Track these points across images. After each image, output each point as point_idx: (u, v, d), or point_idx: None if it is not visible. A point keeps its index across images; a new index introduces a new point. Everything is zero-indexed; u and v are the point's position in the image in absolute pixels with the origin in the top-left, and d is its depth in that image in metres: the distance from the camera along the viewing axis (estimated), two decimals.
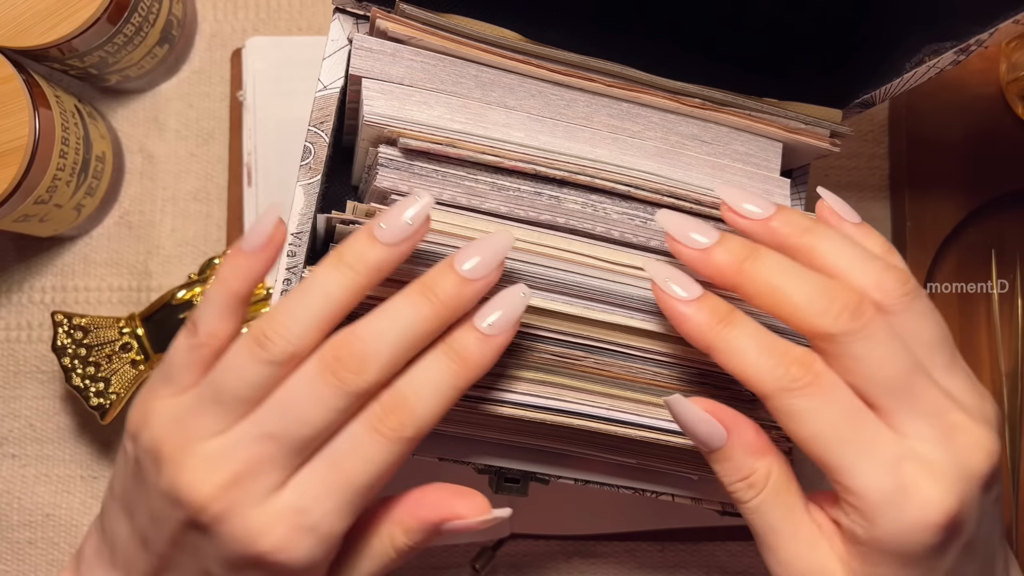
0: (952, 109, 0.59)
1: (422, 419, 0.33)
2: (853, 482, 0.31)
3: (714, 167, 0.39)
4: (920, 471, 0.31)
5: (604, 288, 0.36)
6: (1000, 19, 0.35)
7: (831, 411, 0.31)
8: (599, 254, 0.36)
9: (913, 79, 0.40)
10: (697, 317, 0.33)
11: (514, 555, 0.60)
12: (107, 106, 0.61)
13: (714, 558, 0.61)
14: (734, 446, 0.33)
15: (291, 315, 0.32)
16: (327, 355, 0.32)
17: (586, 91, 0.39)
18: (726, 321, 0.33)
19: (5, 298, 0.60)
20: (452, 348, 0.33)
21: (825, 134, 0.40)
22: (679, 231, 0.34)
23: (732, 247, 0.34)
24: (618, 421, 0.37)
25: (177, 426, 0.33)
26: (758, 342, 0.33)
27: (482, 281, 0.33)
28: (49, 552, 0.60)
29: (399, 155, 0.36)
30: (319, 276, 0.33)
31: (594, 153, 0.38)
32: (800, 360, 0.32)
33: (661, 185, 0.38)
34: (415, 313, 0.32)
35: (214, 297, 0.34)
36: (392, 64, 0.37)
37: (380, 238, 0.33)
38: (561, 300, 0.36)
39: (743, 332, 0.33)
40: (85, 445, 0.60)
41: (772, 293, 0.33)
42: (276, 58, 0.59)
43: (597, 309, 0.36)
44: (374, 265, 0.33)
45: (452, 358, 0.33)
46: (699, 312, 0.33)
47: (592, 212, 0.37)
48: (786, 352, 0.32)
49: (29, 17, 0.50)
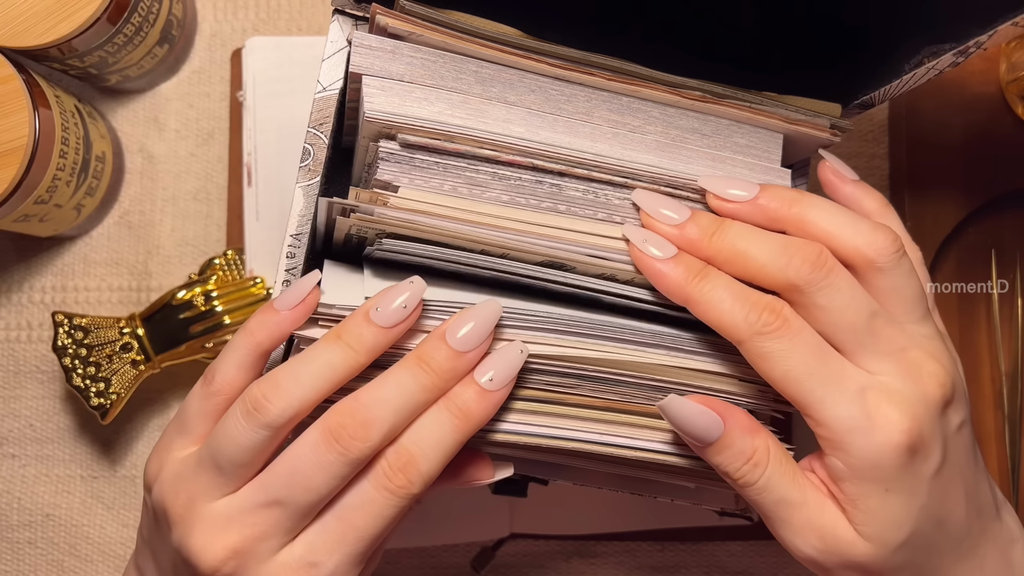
0: (952, 109, 0.59)
1: (428, 475, 0.34)
2: (823, 414, 0.34)
3: (715, 160, 0.39)
4: (882, 398, 0.34)
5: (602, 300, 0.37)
6: (999, 21, 0.35)
7: (800, 351, 0.34)
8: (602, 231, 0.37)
9: (912, 80, 0.40)
10: (674, 272, 0.35)
11: (514, 555, 0.60)
12: (107, 106, 0.61)
13: (714, 558, 0.61)
14: (732, 431, 0.35)
15: (291, 382, 0.34)
16: (331, 423, 0.33)
17: (586, 86, 0.39)
18: (701, 275, 0.35)
19: (5, 298, 0.60)
20: (454, 404, 0.34)
21: (825, 125, 0.40)
22: (653, 208, 0.37)
23: (702, 222, 0.36)
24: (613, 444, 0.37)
25: (183, 486, 0.35)
26: (732, 292, 0.35)
27: (474, 352, 0.35)
28: (49, 552, 0.60)
29: (399, 148, 0.36)
30: (320, 349, 0.34)
31: (595, 148, 0.38)
32: (770, 307, 0.34)
33: (660, 176, 0.38)
34: (415, 383, 0.34)
35: (238, 347, 0.36)
36: (392, 61, 0.37)
37: (376, 321, 0.34)
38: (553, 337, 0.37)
39: (717, 284, 0.35)
40: (85, 445, 0.60)
41: (739, 257, 0.35)
42: (276, 58, 0.59)
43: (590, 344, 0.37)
44: (371, 347, 0.34)
45: (454, 413, 0.34)
46: (676, 268, 0.35)
47: (593, 199, 0.38)
48: (758, 300, 0.34)
49: (29, 17, 0.50)
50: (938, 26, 0.37)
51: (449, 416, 0.34)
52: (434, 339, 0.35)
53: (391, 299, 0.34)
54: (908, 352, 0.35)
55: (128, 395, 0.56)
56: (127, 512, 0.60)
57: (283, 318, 0.35)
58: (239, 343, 0.36)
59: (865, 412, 0.34)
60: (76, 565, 0.60)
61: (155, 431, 0.60)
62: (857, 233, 0.35)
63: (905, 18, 0.39)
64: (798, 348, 0.34)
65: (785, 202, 0.36)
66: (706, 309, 0.35)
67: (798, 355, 0.34)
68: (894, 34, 0.40)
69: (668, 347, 0.37)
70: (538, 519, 0.59)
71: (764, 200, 0.37)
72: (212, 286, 0.57)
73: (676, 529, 0.60)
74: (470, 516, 0.59)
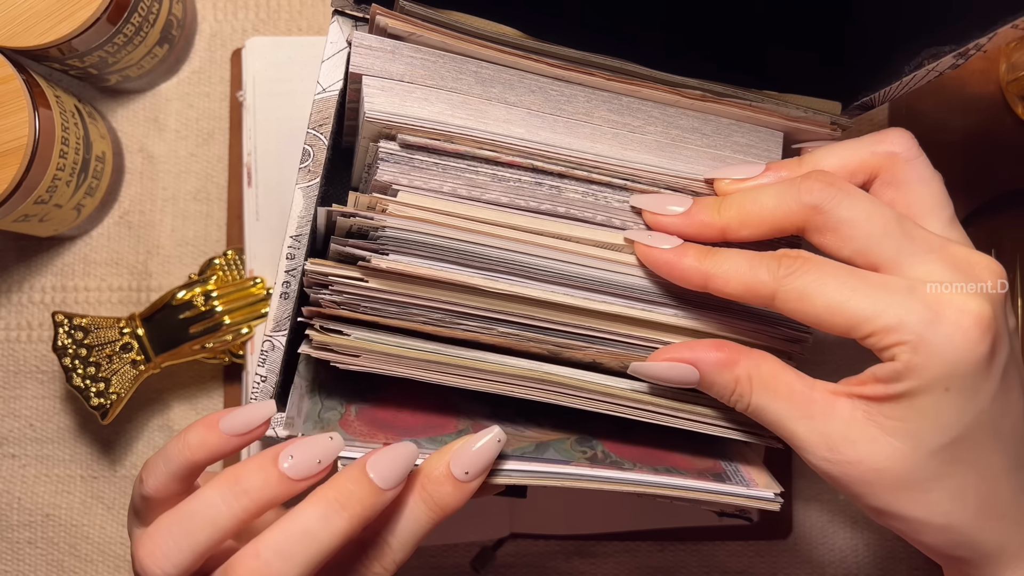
0: (952, 109, 0.59)
1: (402, 559, 0.34)
2: (884, 320, 0.32)
3: (715, 159, 0.39)
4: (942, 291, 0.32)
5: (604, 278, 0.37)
6: (999, 23, 0.35)
7: (833, 275, 0.33)
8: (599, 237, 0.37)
9: (912, 82, 0.40)
10: (686, 258, 0.35)
11: (514, 555, 0.60)
12: (107, 106, 0.61)
13: (714, 558, 0.61)
14: (706, 373, 0.35)
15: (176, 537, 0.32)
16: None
17: (586, 86, 0.39)
18: (711, 253, 0.35)
19: (5, 298, 0.60)
20: (430, 496, 0.34)
21: (826, 122, 0.40)
22: (657, 206, 0.37)
23: (707, 201, 0.36)
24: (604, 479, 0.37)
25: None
26: (746, 256, 0.34)
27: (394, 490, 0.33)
28: (49, 552, 0.60)
29: (399, 149, 0.36)
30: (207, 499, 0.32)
31: (595, 148, 0.38)
32: (787, 253, 0.34)
33: (660, 176, 0.38)
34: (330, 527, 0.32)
35: (172, 458, 0.34)
36: (392, 61, 0.37)
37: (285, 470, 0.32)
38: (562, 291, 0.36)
39: (729, 254, 0.35)
40: (85, 445, 0.60)
41: (751, 210, 0.35)
42: (276, 58, 0.59)
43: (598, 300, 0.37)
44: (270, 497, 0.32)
45: (431, 507, 0.34)
46: (686, 254, 0.35)
47: (593, 201, 0.38)
48: (773, 254, 0.34)
49: (29, 17, 0.50)
50: (938, 28, 0.37)
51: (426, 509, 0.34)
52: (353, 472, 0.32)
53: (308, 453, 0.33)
54: (951, 248, 0.33)
55: (128, 395, 0.56)
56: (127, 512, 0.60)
57: (225, 442, 0.34)
58: (175, 455, 0.34)
59: (927, 305, 0.31)
60: (76, 565, 0.60)
61: (155, 431, 0.60)
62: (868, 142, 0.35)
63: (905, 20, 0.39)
64: (830, 274, 0.33)
65: (793, 164, 0.37)
66: (726, 280, 0.34)
67: (832, 280, 0.32)
68: (894, 36, 0.40)
69: None
70: (538, 519, 0.59)
71: (773, 169, 0.37)
72: (212, 286, 0.57)
73: (676, 529, 0.60)
74: (470, 516, 0.59)
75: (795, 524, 0.60)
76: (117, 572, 0.60)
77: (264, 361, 0.39)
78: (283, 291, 0.39)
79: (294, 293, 0.39)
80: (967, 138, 0.59)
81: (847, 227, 0.33)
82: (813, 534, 0.60)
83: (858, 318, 0.32)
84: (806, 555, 0.60)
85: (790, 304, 0.33)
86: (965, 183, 0.59)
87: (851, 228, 0.33)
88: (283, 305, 0.39)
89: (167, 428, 0.60)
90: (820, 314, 0.33)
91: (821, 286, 0.32)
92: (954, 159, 0.59)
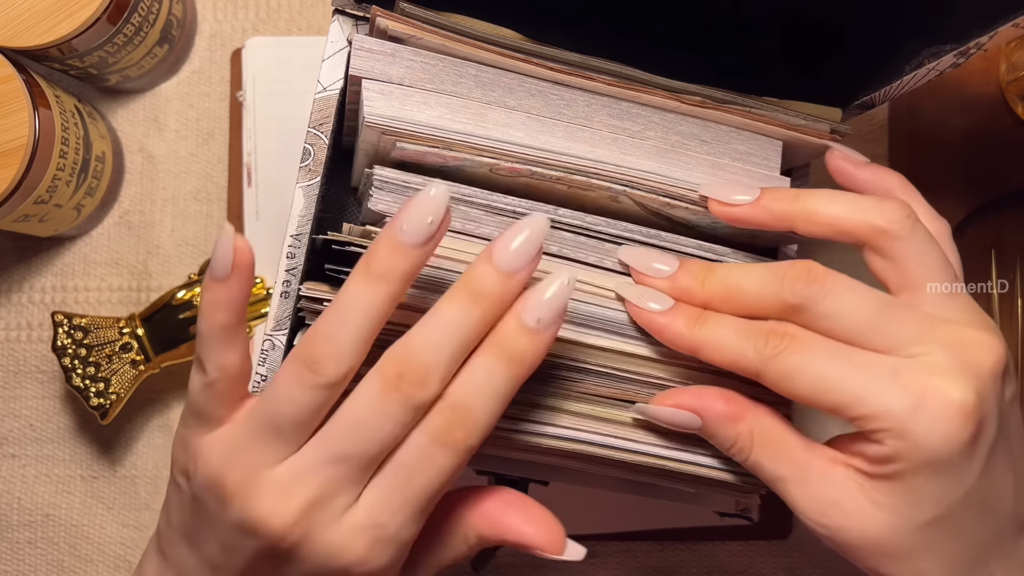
0: (952, 109, 0.59)
1: (485, 427, 0.33)
2: (870, 407, 0.32)
3: (714, 166, 0.39)
4: (930, 376, 0.32)
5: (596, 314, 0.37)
6: (1000, 22, 0.35)
7: (819, 358, 0.33)
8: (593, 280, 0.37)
9: (912, 81, 0.40)
10: (675, 324, 0.35)
11: (514, 555, 0.60)
12: (107, 106, 0.61)
13: (714, 558, 0.61)
14: (709, 423, 0.35)
15: (335, 336, 0.32)
16: (388, 371, 0.32)
17: (586, 90, 0.38)
18: (701, 321, 0.35)
19: (5, 298, 0.60)
20: (504, 351, 0.32)
21: (825, 131, 0.40)
22: (643, 264, 0.37)
23: (692, 269, 0.36)
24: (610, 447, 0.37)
25: (237, 458, 0.34)
26: (734, 327, 0.34)
27: (524, 271, 0.33)
28: (49, 552, 0.60)
29: (393, 176, 0.36)
30: (352, 292, 0.32)
31: (594, 153, 0.38)
32: (774, 330, 0.34)
33: (658, 183, 0.38)
34: (466, 318, 0.32)
35: (205, 333, 0.35)
36: (392, 64, 0.37)
37: (404, 242, 0.32)
38: None
39: (718, 324, 0.35)
40: (85, 445, 0.60)
41: (732, 292, 0.35)
42: (276, 58, 0.59)
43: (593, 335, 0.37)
44: (404, 272, 0.32)
45: (508, 363, 0.32)
46: (676, 319, 0.35)
47: (584, 241, 0.37)
48: (760, 327, 0.34)
49: (29, 17, 0.50)
50: (938, 27, 0.37)
51: (505, 366, 0.32)
52: (481, 263, 0.32)
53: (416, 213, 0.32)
54: (943, 326, 0.33)
55: (128, 395, 0.56)
56: (127, 512, 0.60)
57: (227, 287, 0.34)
58: (205, 329, 0.34)
59: (916, 393, 0.32)
60: (76, 565, 0.60)
61: (155, 431, 0.60)
62: (864, 209, 0.34)
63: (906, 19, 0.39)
64: (815, 356, 0.33)
65: (787, 198, 0.36)
66: (713, 350, 0.34)
67: (818, 362, 0.33)
68: (895, 35, 0.40)
69: None
70: None
71: (767, 200, 0.36)
72: None
73: (676, 529, 0.60)
74: None
75: (795, 524, 0.60)
76: (117, 572, 0.60)
77: (264, 360, 0.39)
78: (283, 290, 0.39)
79: (294, 292, 0.39)
80: (967, 138, 0.59)
81: (830, 322, 0.33)
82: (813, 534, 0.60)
83: (843, 403, 0.32)
84: (806, 555, 0.60)
85: (776, 384, 0.34)
86: (965, 183, 0.59)
87: (834, 322, 0.33)
88: (283, 304, 0.39)
89: (167, 428, 0.60)
90: (807, 397, 0.33)
91: (805, 369, 0.33)
92: (954, 159, 0.59)
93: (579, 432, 0.37)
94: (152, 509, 0.60)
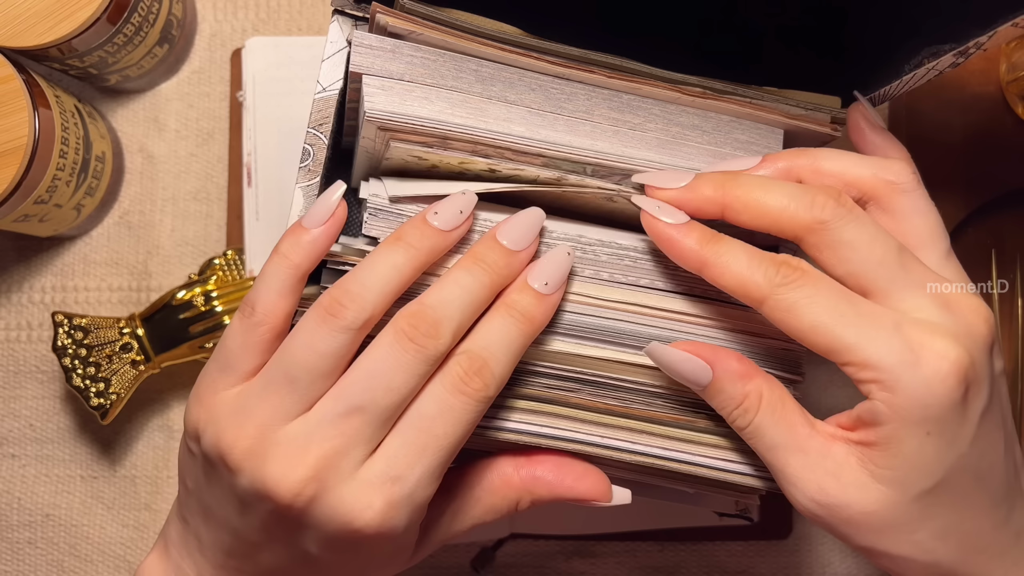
0: (952, 109, 0.59)
1: (500, 377, 0.34)
2: (864, 354, 0.32)
3: (715, 156, 0.39)
4: (926, 331, 0.32)
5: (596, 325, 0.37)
6: (999, 22, 0.35)
7: (825, 296, 0.33)
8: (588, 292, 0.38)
9: (912, 81, 0.40)
10: (688, 238, 0.35)
11: (514, 555, 0.60)
12: (107, 106, 0.61)
13: (714, 558, 0.61)
14: (721, 377, 0.35)
15: (362, 283, 0.34)
16: (402, 324, 0.33)
17: (586, 84, 0.39)
18: (715, 240, 0.35)
19: (5, 298, 0.60)
20: (516, 309, 0.35)
21: (826, 119, 0.40)
22: (660, 180, 0.37)
23: (713, 177, 0.36)
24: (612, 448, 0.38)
25: (248, 417, 0.34)
26: (747, 252, 0.34)
27: (525, 251, 0.36)
28: (49, 552, 0.60)
29: (387, 203, 0.37)
30: (381, 251, 0.34)
31: (595, 146, 0.38)
32: (787, 261, 0.34)
33: None
34: (475, 281, 0.34)
35: (273, 272, 0.35)
36: (392, 60, 0.37)
37: (435, 224, 0.35)
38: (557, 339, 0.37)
39: (731, 246, 0.35)
40: (85, 445, 0.60)
41: (757, 205, 0.34)
42: (276, 58, 0.59)
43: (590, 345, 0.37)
44: (431, 247, 0.35)
45: (518, 319, 0.35)
46: (689, 233, 0.35)
47: (580, 255, 0.38)
48: (773, 258, 0.34)
49: (29, 17, 0.50)
50: (938, 27, 0.37)
51: (515, 321, 0.35)
52: (487, 240, 0.36)
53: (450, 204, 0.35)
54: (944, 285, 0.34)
55: (128, 395, 0.56)
56: (127, 512, 0.60)
57: (316, 236, 0.35)
58: (275, 269, 0.35)
59: (908, 346, 0.32)
60: (76, 565, 0.60)
61: (155, 431, 0.60)
62: (872, 164, 0.35)
63: (905, 18, 0.39)
64: (822, 293, 0.33)
65: (793, 154, 0.36)
66: (722, 271, 0.34)
67: (823, 300, 0.33)
68: (894, 35, 0.40)
69: None
70: (538, 519, 0.59)
71: (770, 159, 0.37)
72: (212, 286, 0.57)
73: (676, 529, 0.60)
74: None
75: (795, 524, 0.60)
76: (117, 572, 0.60)
77: None
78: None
79: None
80: (967, 138, 0.59)
81: (846, 249, 0.33)
82: (813, 534, 0.60)
83: (840, 345, 0.32)
84: (806, 555, 0.60)
85: (778, 313, 0.33)
86: (965, 183, 0.59)
87: (850, 250, 0.33)
88: None
89: (167, 428, 0.60)
90: (804, 331, 0.33)
91: (811, 303, 0.33)
92: (954, 159, 0.59)
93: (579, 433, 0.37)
94: (152, 509, 0.60)
